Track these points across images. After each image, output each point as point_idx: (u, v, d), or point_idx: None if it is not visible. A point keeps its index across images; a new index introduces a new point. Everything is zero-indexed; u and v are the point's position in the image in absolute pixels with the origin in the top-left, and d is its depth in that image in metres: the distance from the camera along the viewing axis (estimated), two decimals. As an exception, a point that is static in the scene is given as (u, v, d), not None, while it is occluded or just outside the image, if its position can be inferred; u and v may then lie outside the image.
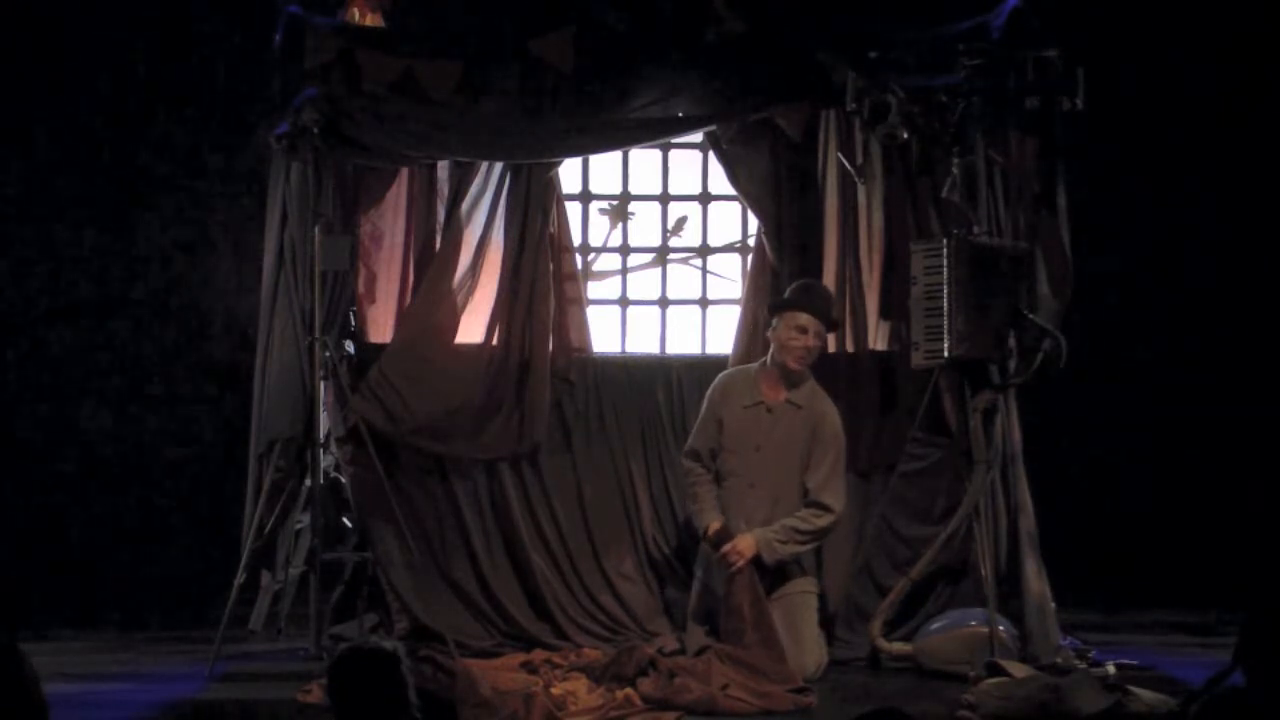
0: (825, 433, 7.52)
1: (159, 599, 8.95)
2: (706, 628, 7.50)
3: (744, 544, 7.36)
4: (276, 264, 7.75)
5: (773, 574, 7.44)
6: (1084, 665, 7.21)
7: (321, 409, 7.58)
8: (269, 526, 7.56)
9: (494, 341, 7.95)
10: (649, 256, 8.43)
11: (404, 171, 7.96)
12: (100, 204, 9.37)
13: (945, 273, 7.38)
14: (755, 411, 7.58)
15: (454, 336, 7.96)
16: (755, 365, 7.70)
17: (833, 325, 7.68)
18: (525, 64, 7.70)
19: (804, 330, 7.50)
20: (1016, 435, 7.71)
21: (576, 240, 8.26)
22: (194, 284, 9.42)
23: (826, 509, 7.44)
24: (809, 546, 7.47)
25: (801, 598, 7.50)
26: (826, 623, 7.70)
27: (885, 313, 8.03)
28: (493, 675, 6.87)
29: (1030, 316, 7.48)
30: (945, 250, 7.41)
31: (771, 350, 7.59)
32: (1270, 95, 9.43)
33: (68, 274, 9.36)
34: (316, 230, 7.50)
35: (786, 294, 7.66)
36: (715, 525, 7.46)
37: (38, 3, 9.28)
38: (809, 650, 7.39)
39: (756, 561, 7.36)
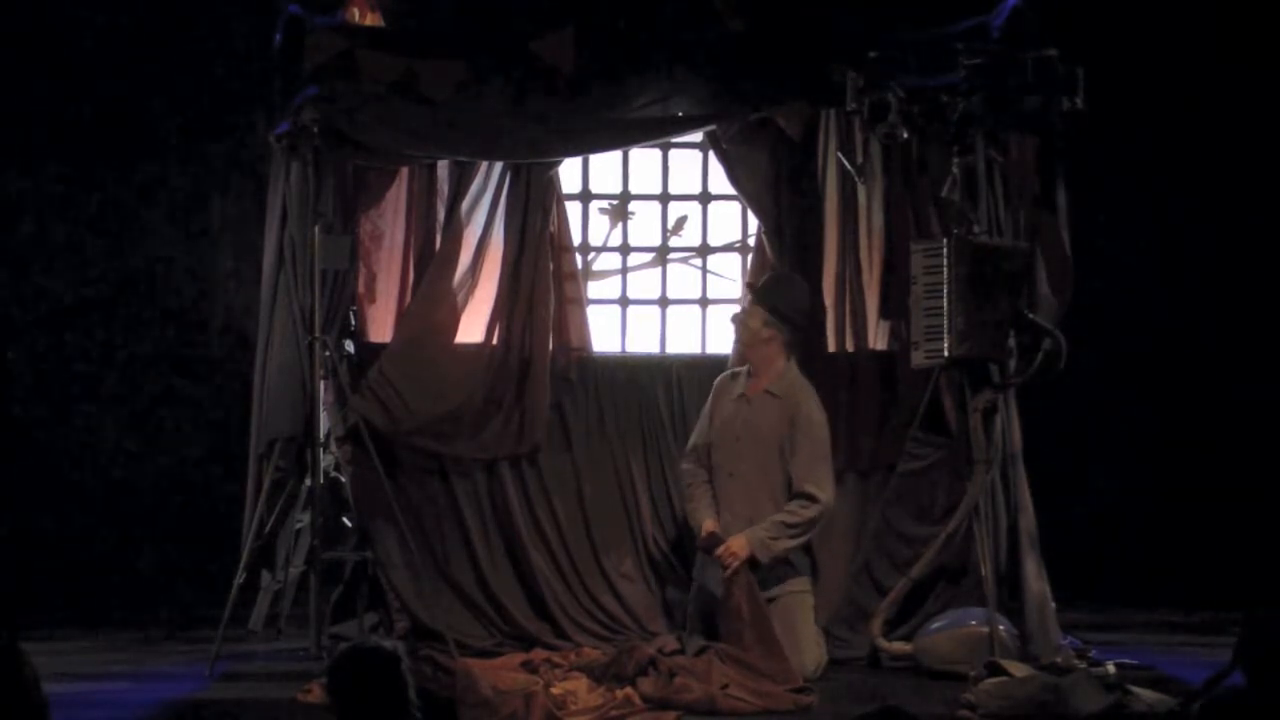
0: (801, 421, 7.52)
1: (159, 599, 8.95)
2: (704, 629, 7.50)
3: (736, 545, 7.35)
4: (276, 263, 7.75)
5: (766, 574, 7.43)
6: (1084, 665, 7.21)
7: (321, 409, 7.58)
8: (269, 526, 7.57)
9: (494, 341, 7.96)
10: (649, 256, 8.43)
11: (404, 171, 7.96)
12: (99, 203, 9.36)
13: (945, 273, 7.38)
14: (739, 403, 7.63)
15: (454, 336, 7.96)
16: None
17: (769, 308, 7.56)
18: (525, 64, 7.70)
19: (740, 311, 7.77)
20: (1016, 435, 7.71)
21: (576, 240, 8.26)
22: (194, 283, 9.41)
23: (812, 499, 7.43)
24: (802, 540, 7.45)
25: (796, 598, 7.49)
26: (826, 623, 7.70)
27: (885, 313, 8.04)
28: (493, 675, 6.87)
29: (1030, 316, 7.48)
30: (945, 250, 7.41)
31: None
32: (1269, 92, 9.43)
33: (67, 274, 9.35)
34: (316, 230, 7.50)
35: None
36: (707, 528, 7.47)
37: None
38: (807, 650, 7.39)
39: (752, 561, 7.36)
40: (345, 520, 7.84)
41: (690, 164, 8.42)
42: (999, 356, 7.50)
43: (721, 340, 8.23)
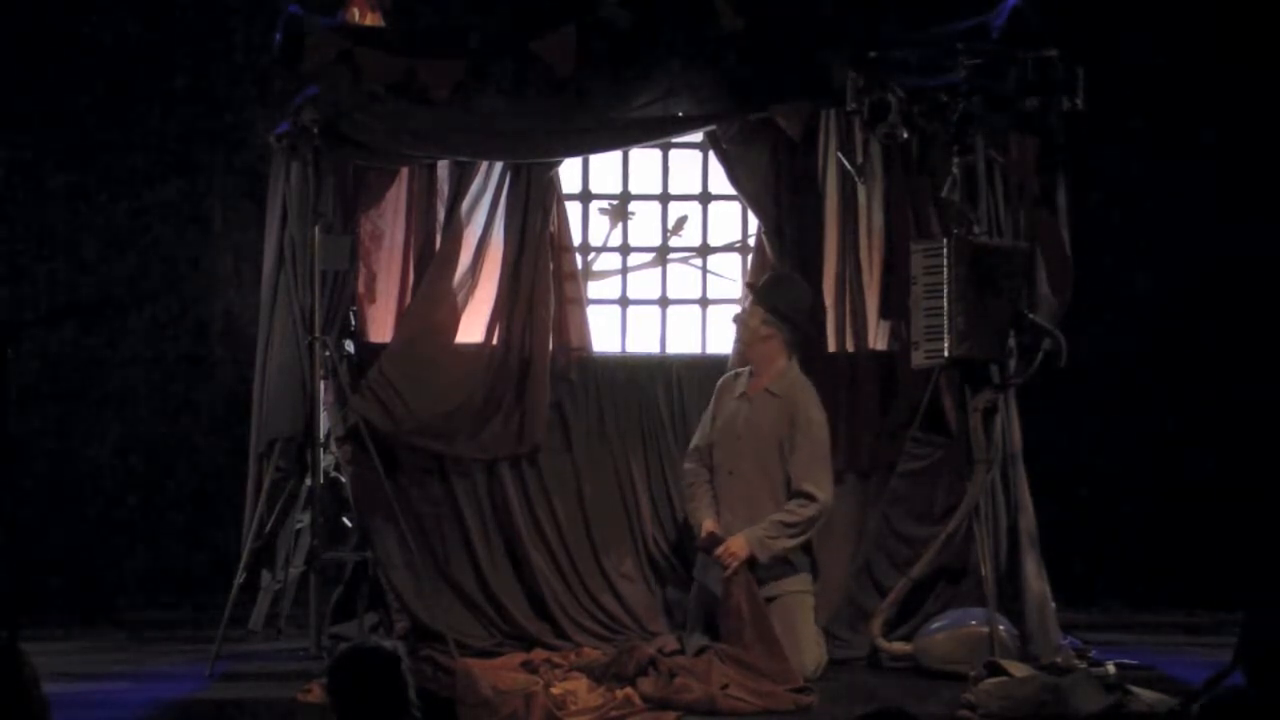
0: (801, 420, 7.53)
1: (159, 599, 8.95)
2: (705, 628, 7.50)
3: (736, 545, 7.36)
4: (276, 264, 7.75)
5: (766, 573, 7.42)
6: (1084, 665, 7.21)
7: (321, 409, 7.58)
8: (269, 526, 7.57)
9: (494, 341, 7.96)
10: (649, 256, 8.43)
11: (404, 171, 7.97)
12: (99, 203, 9.36)
13: (945, 273, 7.38)
14: (740, 402, 7.64)
15: (454, 336, 7.97)
16: None
17: (769, 308, 7.58)
18: (525, 64, 7.71)
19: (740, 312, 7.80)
20: (1016, 435, 7.71)
21: (576, 240, 8.26)
22: (194, 284, 9.41)
23: (811, 498, 7.43)
24: (801, 539, 7.45)
25: (795, 598, 7.49)
26: (826, 623, 7.70)
27: (885, 313, 8.04)
28: (493, 675, 6.87)
29: (1030, 316, 7.48)
30: (945, 250, 7.41)
31: None
32: (1269, 92, 9.43)
33: (66, 274, 9.35)
34: (316, 230, 7.50)
35: None
36: (706, 528, 7.48)
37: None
38: (807, 650, 7.39)
39: (751, 560, 7.36)
40: (345, 520, 7.84)
41: (690, 164, 8.42)
42: (999, 356, 7.50)
43: (722, 340, 8.22)
